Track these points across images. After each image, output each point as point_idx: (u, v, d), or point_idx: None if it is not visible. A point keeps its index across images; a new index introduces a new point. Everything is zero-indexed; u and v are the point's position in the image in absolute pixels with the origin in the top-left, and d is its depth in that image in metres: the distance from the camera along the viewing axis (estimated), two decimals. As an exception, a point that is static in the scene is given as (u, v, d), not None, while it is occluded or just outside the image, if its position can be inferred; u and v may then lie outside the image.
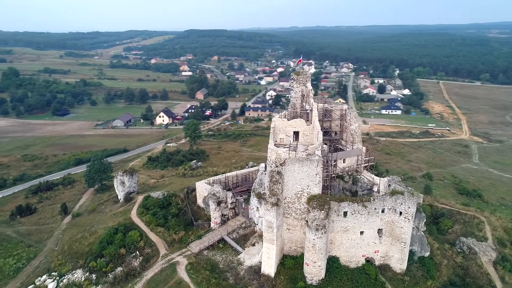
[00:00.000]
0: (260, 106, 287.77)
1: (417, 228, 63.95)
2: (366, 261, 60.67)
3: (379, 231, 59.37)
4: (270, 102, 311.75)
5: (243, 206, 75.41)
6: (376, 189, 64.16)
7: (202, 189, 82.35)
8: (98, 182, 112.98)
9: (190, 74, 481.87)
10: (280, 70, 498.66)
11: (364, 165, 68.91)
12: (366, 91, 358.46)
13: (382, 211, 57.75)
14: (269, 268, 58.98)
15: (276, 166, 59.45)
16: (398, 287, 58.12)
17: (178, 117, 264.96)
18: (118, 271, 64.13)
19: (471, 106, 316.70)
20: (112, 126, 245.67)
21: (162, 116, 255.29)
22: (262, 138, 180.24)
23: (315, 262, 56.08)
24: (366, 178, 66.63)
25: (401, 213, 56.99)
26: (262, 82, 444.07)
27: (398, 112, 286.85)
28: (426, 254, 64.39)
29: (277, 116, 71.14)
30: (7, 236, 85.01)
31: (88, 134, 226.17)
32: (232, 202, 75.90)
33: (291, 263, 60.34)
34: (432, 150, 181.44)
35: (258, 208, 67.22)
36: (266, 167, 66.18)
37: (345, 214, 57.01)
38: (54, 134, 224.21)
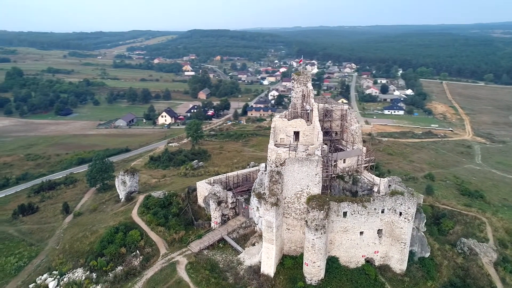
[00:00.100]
0: (262, 106, 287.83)
1: (417, 228, 63.81)
2: (366, 261, 60.58)
3: (379, 232, 59.29)
4: (272, 102, 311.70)
5: (244, 206, 75.45)
6: (376, 189, 64.06)
7: (202, 189, 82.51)
8: (100, 181, 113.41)
9: (193, 74, 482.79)
10: (282, 70, 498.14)
11: (364, 165, 68.82)
12: (368, 91, 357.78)
13: (382, 212, 57.68)
14: (268, 268, 59.01)
15: (276, 166, 59.50)
16: (397, 288, 58.01)
17: (181, 117, 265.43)
18: (118, 270, 64.39)
19: (475, 107, 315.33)
20: (114, 126, 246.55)
21: (165, 116, 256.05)
22: (264, 138, 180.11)
23: (315, 262, 56.07)
24: (367, 179, 66.51)
25: (401, 213, 56.88)
26: (265, 82, 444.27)
27: (401, 112, 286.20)
28: (427, 255, 64.20)
29: (277, 116, 71.19)
30: (9, 235, 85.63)
31: (90, 133, 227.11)
32: (232, 202, 75.93)
33: (291, 263, 60.34)
34: (434, 151, 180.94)
35: (258, 208, 67.22)
36: (266, 167, 66.22)
37: (344, 214, 56.98)
38: (57, 133, 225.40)
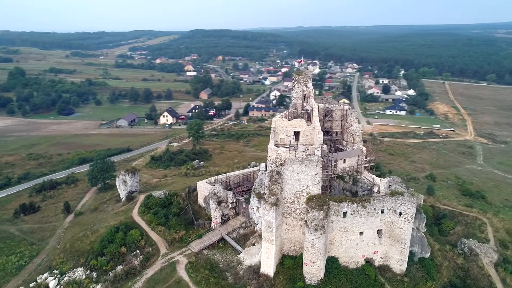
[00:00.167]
0: (264, 106, 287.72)
1: (417, 229, 63.72)
2: (366, 261, 60.53)
3: (379, 232, 59.25)
4: (274, 102, 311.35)
5: (244, 206, 75.51)
6: (376, 189, 63.95)
7: (203, 188, 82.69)
8: (101, 181, 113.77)
9: (195, 74, 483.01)
10: (284, 70, 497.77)
11: (364, 165, 68.73)
12: (370, 92, 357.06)
13: (382, 212, 57.64)
14: (268, 267, 59.04)
15: (276, 166, 59.52)
16: (397, 288, 57.93)
17: (182, 117, 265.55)
18: (118, 270, 64.61)
19: (477, 107, 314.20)
20: (116, 126, 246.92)
21: (166, 115, 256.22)
22: (265, 138, 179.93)
23: (314, 262, 56.06)
24: (367, 179, 66.39)
25: (400, 213, 56.81)
26: (267, 82, 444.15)
27: (403, 112, 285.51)
28: (427, 255, 64.09)
29: (277, 116, 71.23)
30: (11, 234, 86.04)
31: (92, 133, 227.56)
32: (232, 202, 76.02)
33: (290, 263, 60.37)
34: (436, 151, 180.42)
35: (258, 208, 67.25)
36: (266, 167, 66.23)
37: (344, 214, 56.96)
38: (59, 133, 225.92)
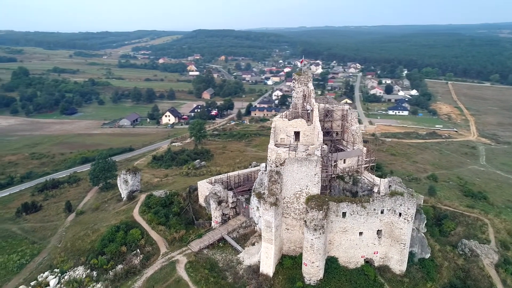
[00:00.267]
0: (266, 106, 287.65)
1: (417, 229, 63.56)
2: (365, 262, 60.40)
3: (379, 232, 59.11)
4: (276, 102, 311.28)
5: (244, 206, 75.59)
6: (376, 190, 63.81)
7: (203, 188, 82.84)
8: (103, 180, 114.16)
9: (197, 74, 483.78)
10: (287, 70, 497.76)
11: (364, 165, 68.59)
12: (373, 92, 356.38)
13: (382, 212, 57.51)
14: (267, 267, 59.06)
15: (276, 166, 59.55)
16: (397, 289, 57.80)
17: (184, 116, 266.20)
18: (118, 269, 64.88)
19: (480, 107, 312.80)
20: (118, 125, 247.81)
21: (168, 115, 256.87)
22: (267, 138, 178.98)
23: (313, 263, 56.02)
24: (367, 179, 66.24)
25: (400, 214, 56.65)
26: (269, 82, 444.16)
27: (405, 112, 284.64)
28: (427, 256, 63.90)
29: (278, 116, 71.27)
30: (12, 232, 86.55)
31: (95, 133, 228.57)
32: (233, 202, 76.14)
33: (290, 263, 60.36)
34: (438, 151, 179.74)
35: (258, 207, 67.30)
36: (266, 167, 66.26)
37: (344, 214, 56.89)
38: (62, 132, 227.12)
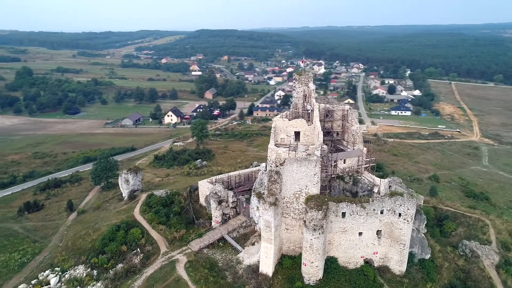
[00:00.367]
0: (268, 106, 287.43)
1: (417, 230, 63.44)
2: (365, 262, 60.37)
3: (378, 233, 59.04)
4: (278, 102, 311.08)
5: (244, 206, 75.68)
6: (376, 190, 63.72)
7: (204, 188, 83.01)
8: (104, 180, 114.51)
9: (200, 74, 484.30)
10: (289, 70, 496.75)
11: (365, 166, 68.49)
12: (376, 92, 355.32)
13: (381, 212, 57.44)
14: (267, 267, 59.13)
15: (276, 166, 59.58)
16: (396, 289, 57.70)
17: (187, 116, 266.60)
18: (118, 268, 65.16)
19: (483, 108, 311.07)
20: (121, 125, 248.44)
21: (171, 115, 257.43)
22: (268, 138, 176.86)
23: (313, 263, 56.03)
24: (367, 179, 66.14)
25: (400, 214, 56.57)
26: (271, 82, 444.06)
27: (408, 113, 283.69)
28: (427, 257, 63.76)
29: (278, 116, 71.33)
30: (14, 231, 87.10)
31: (97, 132, 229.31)
32: (233, 201, 76.26)
33: (289, 263, 60.40)
34: (440, 152, 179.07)
35: (258, 207, 67.35)
36: (266, 167, 66.31)
37: (343, 214, 56.88)
38: (64, 132, 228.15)
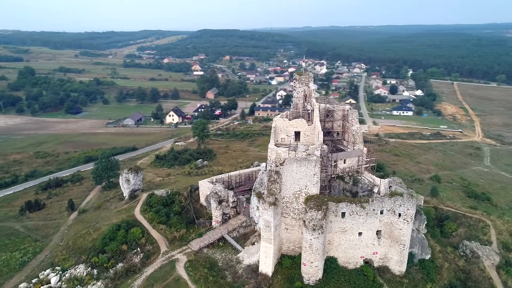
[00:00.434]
0: (269, 106, 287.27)
1: (417, 230, 63.34)
2: (365, 262, 60.32)
3: (378, 233, 58.98)
4: (280, 102, 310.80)
5: (244, 205, 75.75)
6: (376, 190, 63.66)
7: (204, 187, 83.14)
8: (105, 179, 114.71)
9: (202, 73, 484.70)
10: (291, 70, 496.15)
11: (365, 166, 68.42)
12: (377, 92, 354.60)
13: (381, 213, 57.38)
14: (266, 267, 59.17)
15: (275, 166, 59.60)
16: (396, 290, 57.63)
17: (188, 116, 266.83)
18: (119, 267, 65.34)
19: (486, 108, 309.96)
20: (123, 125, 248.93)
21: (172, 115, 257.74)
22: (270, 138, 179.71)
23: (312, 263, 56.03)
24: (367, 179, 66.08)
25: (400, 214, 56.49)
26: (273, 82, 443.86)
27: (410, 113, 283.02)
28: (427, 257, 63.64)
29: (278, 116, 71.35)
30: (16, 230, 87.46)
31: (99, 132, 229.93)
32: (233, 201, 76.34)
33: (289, 263, 60.42)
34: (442, 152, 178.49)
35: (258, 207, 67.40)
36: (266, 167, 66.32)
37: (343, 214, 56.85)
38: (66, 132, 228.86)
